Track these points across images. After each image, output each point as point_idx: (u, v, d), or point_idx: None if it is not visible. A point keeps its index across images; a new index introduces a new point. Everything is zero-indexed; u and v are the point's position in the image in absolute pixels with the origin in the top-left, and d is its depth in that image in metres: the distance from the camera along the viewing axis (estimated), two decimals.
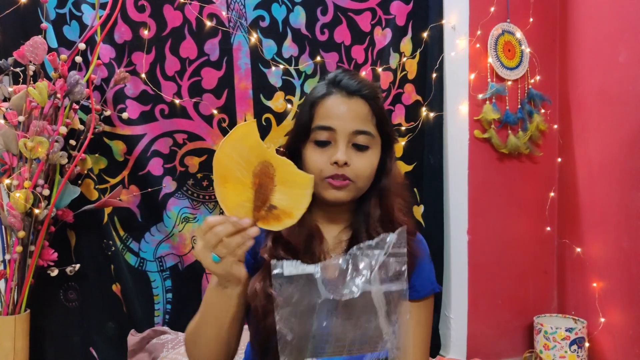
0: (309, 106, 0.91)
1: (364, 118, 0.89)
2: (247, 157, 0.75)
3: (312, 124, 0.90)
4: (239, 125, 0.75)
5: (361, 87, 0.90)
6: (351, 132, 0.88)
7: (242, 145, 0.75)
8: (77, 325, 1.50)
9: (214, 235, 0.72)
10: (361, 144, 0.88)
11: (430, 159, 1.89)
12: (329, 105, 0.89)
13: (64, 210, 1.40)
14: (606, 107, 1.84)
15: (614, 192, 1.80)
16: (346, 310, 0.76)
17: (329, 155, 0.87)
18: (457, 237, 1.93)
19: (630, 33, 1.73)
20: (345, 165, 0.86)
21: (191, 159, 1.61)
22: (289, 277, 0.75)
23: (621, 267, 1.76)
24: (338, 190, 0.87)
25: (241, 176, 0.75)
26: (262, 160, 0.75)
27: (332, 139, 0.88)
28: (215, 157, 0.74)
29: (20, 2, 1.39)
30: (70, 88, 1.31)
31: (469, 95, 1.93)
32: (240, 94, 1.65)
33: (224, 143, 0.74)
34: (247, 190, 0.75)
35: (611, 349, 1.81)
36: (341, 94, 0.90)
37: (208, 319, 0.83)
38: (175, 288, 1.60)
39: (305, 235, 0.89)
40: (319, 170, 0.87)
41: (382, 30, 1.83)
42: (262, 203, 0.76)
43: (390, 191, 0.94)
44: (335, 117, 0.88)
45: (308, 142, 0.90)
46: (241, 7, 1.65)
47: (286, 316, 0.75)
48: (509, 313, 2.03)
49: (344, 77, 0.91)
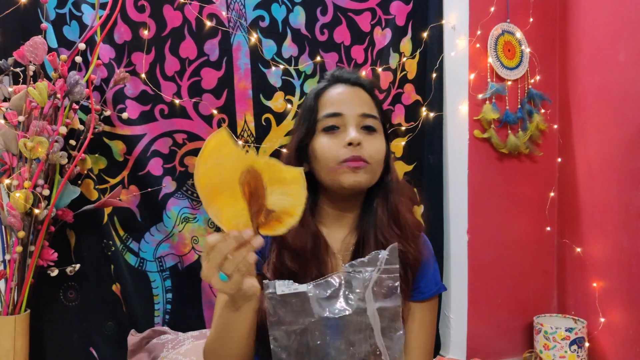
0: (312, 99, 0.92)
1: (368, 103, 0.91)
2: (227, 167, 0.69)
3: (318, 115, 0.90)
4: (207, 139, 0.69)
5: (360, 78, 0.94)
6: (359, 114, 0.89)
7: (218, 157, 0.69)
8: (77, 325, 1.50)
9: (217, 254, 0.68)
10: (370, 125, 0.89)
11: (430, 159, 1.89)
12: (333, 93, 0.91)
13: (63, 210, 1.40)
14: (606, 106, 1.84)
15: (614, 192, 1.80)
16: (339, 328, 0.76)
17: (341, 140, 0.87)
18: (457, 237, 1.93)
19: (629, 32, 1.73)
20: (359, 146, 0.86)
21: (191, 159, 1.61)
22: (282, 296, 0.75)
23: (621, 267, 1.76)
24: (356, 174, 0.85)
25: (228, 189, 0.69)
26: (245, 166, 0.70)
27: (341, 124, 0.88)
28: (195, 180, 0.69)
29: (20, 2, 1.39)
30: (70, 88, 1.31)
31: (469, 95, 1.93)
32: (240, 94, 1.65)
33: (198, 162, 0.68)
34: (239, 202, 0.70)
35: (611, 349, 1.81)
36: (343, 84, 0.92)
37: (224, 340, 0.80)
38: (175, 288, 1.60)
39: (311, 237, 0.88)
40: (334, 156, 0.86)
41: (382, 30, 1.83)
42: (258, 210, 0.71)
43: (394, 188, 0.94)
44: (341, 102, 0.89)
45: (317, 133, 0.90)
46: (241, 7, 1.65)
47: (280, 335, 0.75)
48: (508, 313, 2.03)
49: (343, 72, 0.94)
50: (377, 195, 0.93)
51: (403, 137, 1.85)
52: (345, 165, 0.85)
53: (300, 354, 0.75)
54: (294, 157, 0.93)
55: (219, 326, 0.81)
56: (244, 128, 1.66)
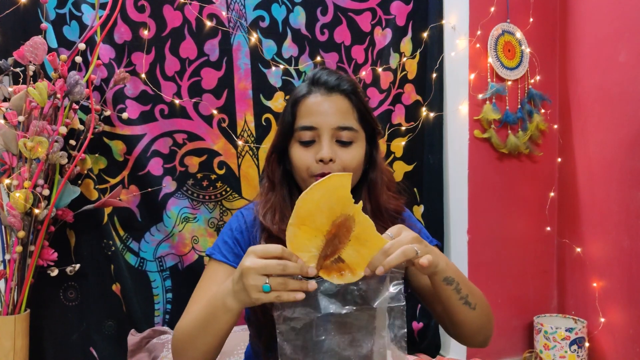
0: (290, 106, 0.93)
1: (345, 113, 0.91)
2: (332, 206, 0.73)
3: (295, 124, 0.92)
4: (334, 175, 0.74)
5: (340, 83, 0.92)
6: (334, 127, 0.89)
7: (332, 194, 0.73)
8: (77, 325, 1.50)
9: (280, 266, 0.68)
10: (345, 139, 0.90)
11: (430, 159, 1.89)
12: (310, 103, 0.91)
13: (63, 210, 1.40)
14: (606, 107, 1.84)
15: (614, 191, 1.80)
16: (344, 325, 0.76)
17: (314, 153, 0.89)
18: (457, 236, 1.93)
19: (630, 33, 1.73)
20: (331, 161, 0.88)
21: (191, 159, 1.61)
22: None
23: (621, 267, 1.77)
24: None
25: (319, 223, 0.73)
26: (346, 213, 0.74)
27: (316, 136, 0.90)
28: (301, 198, 0.72)
29: (20, 2, 1.39)
30: (70, 88, 1.31)
31: (469, 95, 1.93)
32: (240, 94, 1.65)
33: (315, 188, 0.73)
34: (319, 238, 0.73)
35: (611, 349, 1.81)
36: (321, 91, 0.91)
37: (209, 330, 0.79)
38: (175, 288, 1.60)
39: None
40: (305, 168, 0.89)
41: (382, 30, 1.83)
42: (330, 253, 0.74)
43: (378, 183, 0.96)
44: (316, 114, 0.90)
45: (293, 141, 0.92)
46: (241, 7, 1.65)
47: (287, 330, 0.75)
48: (509, 313, 2.03)
49: (322, 75, 0.93)
50: (362, 189, 0.96)
51: (403, 137, 1.85)
52: (314, 179, 0.87)
53: (304, 349, 0.75)
54: (273, 159, 0.96)
55: (204, 317, 0.80)
56: (244, 128, 1.66)
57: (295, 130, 0.91)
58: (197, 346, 0.81)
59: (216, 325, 0.78)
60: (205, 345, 0.81)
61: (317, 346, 0.76)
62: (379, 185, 0.96)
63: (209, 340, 0.80)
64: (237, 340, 1.45)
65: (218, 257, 0.92)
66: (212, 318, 0.78)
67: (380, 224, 0.91)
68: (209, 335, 0.79)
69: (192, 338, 0.82)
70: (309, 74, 0.96)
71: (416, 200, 1.88)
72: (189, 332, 0.82)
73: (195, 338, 0.81)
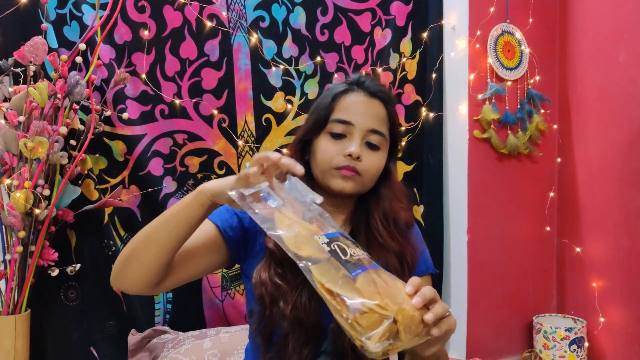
0: (330, 99, 0.95)
1: (380, 119, 0.94)
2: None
3: (330, 116, 0.93)
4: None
5: (382, 90, 0.96)
6: (368, 129, 0.92)
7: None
8: (78, 325, 1.50)
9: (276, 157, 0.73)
10: (374, 143, 0.92)
11: (430, 159, 1.89)
12: (350, 100, 0.94)
13: (64, 210, 1.40)
14: (606, 107, 1.84)
15: (613, 192, 1.80)
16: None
17: (342, 147, 0.91)
18: (457, 236, 1.93)
19: (630, 33, 1.74)
20: (358, 159, 0.90)
21: (191, 159, 1.61)
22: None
23: (621, 267, 1.77)
24: (345, 181, 0.90)
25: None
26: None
27: (348, 132, 0.92)
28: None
29: (20, 3, 1.39)
30: (71, 88, 1.31)
31: (469, 96, 1.93)
32: (240, 94, 1.65)
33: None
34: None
35: (611, 349, 1.82)
36: (363, 93, 0.94)
37: (171, 222, 0.79)
38: (176, 288, 1.60)
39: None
40: (330, 159, 0.91)
41: (382, 30, 1.84)
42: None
43: (389, 195, 0.98)
44: (354, 112, 0.92)
45: (322, 133, 0.94)
46: (241, 7, 1.65)
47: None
48: (508, 312, 2.03)
49: (366, 80, 0.96)
50: (371, 200, 0.97)
51: (403, 137, 1.86)
52: (336, 170, 0.89)
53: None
54: (298, 149, 0.97)
55: (173, 211, 0.80)
56: (244, 128, 1.66)
57: (328, 122, 0.93)
58: (150, 247, 0.79)
59: (182, 215, 0.78)
60: (159, 245, 0.79)
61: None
62: (391, 195, 0.97)
63: (164, 238, 0.79)
64: (237, 340, 1.45)
65: (211, 217, 0.92)
66: (180, 211, 0.79)
67: (388, 234, 0.93)
68: (169, 226, 0.79)
69: (146, 239, 0.80)
70: (352, 76, 0.99)
71: (416, 200, 1.88)
72: (144, 233, 0.81)
73: (150, 238, 0.79)
